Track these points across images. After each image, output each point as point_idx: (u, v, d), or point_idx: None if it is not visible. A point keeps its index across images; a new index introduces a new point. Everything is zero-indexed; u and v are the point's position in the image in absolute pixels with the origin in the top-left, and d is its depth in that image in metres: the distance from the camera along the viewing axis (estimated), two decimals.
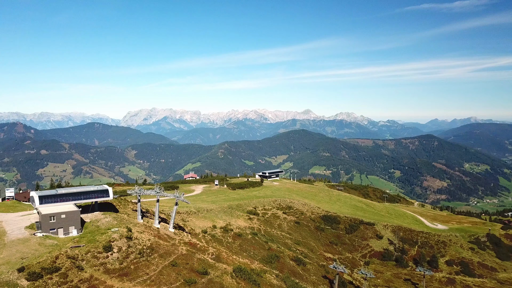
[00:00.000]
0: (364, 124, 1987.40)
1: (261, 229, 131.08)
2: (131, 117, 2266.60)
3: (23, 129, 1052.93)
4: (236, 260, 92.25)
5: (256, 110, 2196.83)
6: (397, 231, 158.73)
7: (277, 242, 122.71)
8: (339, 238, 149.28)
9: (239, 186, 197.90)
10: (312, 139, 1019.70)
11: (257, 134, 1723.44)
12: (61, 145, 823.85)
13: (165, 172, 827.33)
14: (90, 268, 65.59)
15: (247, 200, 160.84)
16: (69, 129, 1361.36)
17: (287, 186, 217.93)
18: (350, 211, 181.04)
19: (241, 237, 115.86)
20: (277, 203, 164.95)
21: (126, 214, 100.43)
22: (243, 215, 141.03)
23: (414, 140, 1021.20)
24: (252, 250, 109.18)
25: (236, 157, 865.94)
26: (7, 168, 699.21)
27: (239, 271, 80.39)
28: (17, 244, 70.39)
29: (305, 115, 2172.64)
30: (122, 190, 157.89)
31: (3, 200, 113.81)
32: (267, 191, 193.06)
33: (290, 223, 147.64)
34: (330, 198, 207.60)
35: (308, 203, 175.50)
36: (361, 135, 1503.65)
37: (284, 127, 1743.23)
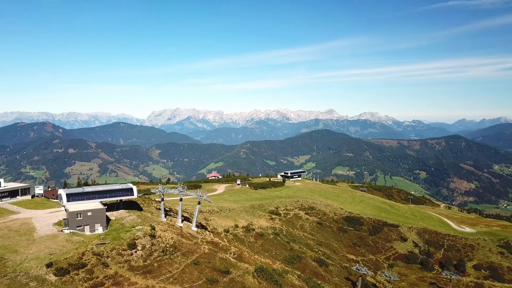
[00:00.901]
0: (388, 124, 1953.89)
1: (283, 229, 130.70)
2: (155, 117, 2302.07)
3: (52, 129, 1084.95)
4: (258, 260, 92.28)
5: (278, 110, 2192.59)
6: (423, 234, 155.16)
7: (299, 243, 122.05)
8: (362, 239, 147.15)
9: (261, 186, 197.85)
10: (335, 139, 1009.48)
11: (279, 134, 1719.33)
12: (88, 144, 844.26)
13: (188, 171, 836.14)
14: (115, 265, 66.91)
15: (269, 200, 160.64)
16: (95, 129, 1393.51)
17: (310, 187, 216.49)
18: (374, 213, 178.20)
19: (263, 237, 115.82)
20: (299, 203, 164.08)
21: (150, 213, 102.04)
22: (265, 215, 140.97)
23: (440, 140, 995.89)
24: (274, 250, 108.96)
25: (258, 157, 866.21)
26: (37, 166, 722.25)
27: (260, 271, 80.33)
28: (45, 240, 72.57)
29: (328, 115, 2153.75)
30: (146, 188, 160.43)
31: (32, 197, 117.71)
32: (289, 191, 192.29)
33: (312, 223, 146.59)
34: (353, 199, 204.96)
35: (331, 204, 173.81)
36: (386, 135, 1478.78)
37: (306, 127, 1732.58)
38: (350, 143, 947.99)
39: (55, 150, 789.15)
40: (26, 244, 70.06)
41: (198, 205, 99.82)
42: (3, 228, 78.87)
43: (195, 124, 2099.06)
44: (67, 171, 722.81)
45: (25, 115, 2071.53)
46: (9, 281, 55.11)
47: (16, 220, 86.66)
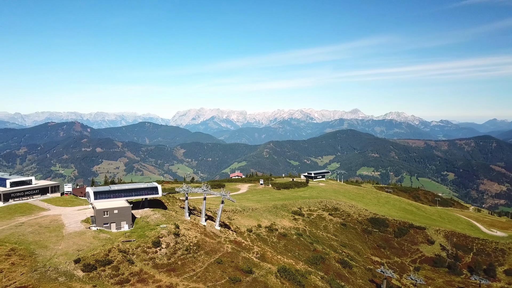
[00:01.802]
0: (415, 124, 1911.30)
1: (306, 230, 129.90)
2: (180, 116, 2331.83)
3: (80, 128, 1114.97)
4: (280, 260, 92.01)
5: (302, 110, 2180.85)
6: (450, 237, 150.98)
7: (322, 244, 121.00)
8: (387, 241, 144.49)
9: (284, 186, 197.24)
10: (360, 139, 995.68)
11: (303, 134, 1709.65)
12: (115, 144, 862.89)
13: (212, 170, 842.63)
14: (140, 262, 68.09)
15: (292, 201, 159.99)
16: (122, 128, 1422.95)
17: (334, 187, 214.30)
18: (399, 214, 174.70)
19: (286, 237, 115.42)
20: (323, 204, 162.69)
21: (174, 211, 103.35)
22: (288, 215, 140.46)
23: (469, 141, 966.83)
24: (297, 251, 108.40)
25: (281, 157, 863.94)
26: (66, 165, 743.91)
27: (283, 271, 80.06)
28: (73, 236, 74.58)
29: (353, 115, 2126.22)
30: (170, 187, 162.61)
31: (62, 194, 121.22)
32: (313, 191, 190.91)
33: (336, 224, 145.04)
34: (378, 200, 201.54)
35: (355, 205, 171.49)
36: (412, 135, 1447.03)
37: (331, 126, 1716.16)
38: (375, 143, 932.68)
39: (83, 149, 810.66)
40: (56, 240, 72.20)
41: (222, 204, 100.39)
42: (34, 224, 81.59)
43: (219, 124, 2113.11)
44: (95, 169, 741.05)
45: (55, 114, 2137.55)
46: (39, 276, 56.94)
47: (46, 216, 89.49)
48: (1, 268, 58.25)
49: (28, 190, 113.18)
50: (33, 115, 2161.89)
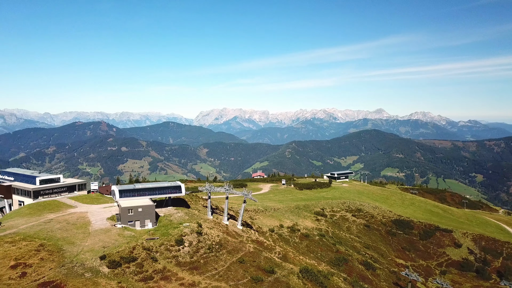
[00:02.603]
0: (441, 124, 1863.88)
1: (328, 231, 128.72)
2: (203, 116, 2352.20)
3: (106, 128, 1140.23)
4: (303, 260, 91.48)
5: (325, 110, 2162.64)
6: (479, 240, 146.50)
7: (345, 245, 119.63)
8: (412, 244, 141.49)
9: (307, 187, 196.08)
10: (384, 140, 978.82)
11: (326, 134, 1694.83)
12: (139, 143, 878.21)
13: (234, 170, 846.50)
14: (163, 260, 68.99)
15: (314, 201, 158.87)
16: (146, 128, 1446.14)
17: (357, 188, 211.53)
18: (425, 216, 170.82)
19: (308, 238, 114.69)
20: (346, 205, 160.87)
21: (197, 210, 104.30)
22: (310, 215, 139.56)
23: (499, 141, 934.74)
24: (320, 252, 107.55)
25: (304, 157, 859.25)
26: (93, 163, 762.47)
27: (306, 271, 79.54)
28: (99, 233, 76.29)
29: (377, 115, 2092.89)
30: (193, 186, 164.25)
31: (88, 192, 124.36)
32: (336, 192, 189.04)
33: (360, 226, 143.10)
34: (403, 201, 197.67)
35: (379, 206, 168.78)
36: (438, 136, 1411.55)
37: (354, 126, 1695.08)
38: (400, 143, 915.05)
39: (109, 148, 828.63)
40: (82, 236, 74.04)
41: (244, 203, 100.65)
42: (62, 221, 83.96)
43: (241, 124, 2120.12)
44: (120, 168, 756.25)
45: (83, 114, 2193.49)
46: (67, 271, 58.51)
47: (73, 213, 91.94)
48: (31, 263, 60.18)
49: (57, 188, 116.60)
50: (62, 115, 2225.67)
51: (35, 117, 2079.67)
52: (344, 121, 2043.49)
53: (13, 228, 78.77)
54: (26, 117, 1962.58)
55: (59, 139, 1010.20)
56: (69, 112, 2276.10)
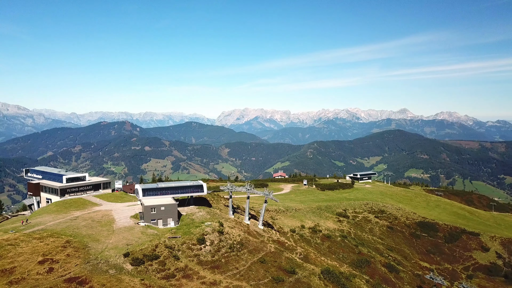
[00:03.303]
0: (468, 124, 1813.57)
1: (351, 232, 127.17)
2: (225, 116, 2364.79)
3: (130, 127, 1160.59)
4: (324, 261, 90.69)
5: (347, 109, 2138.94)
6: (508, 244, 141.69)
7: (367, 247, 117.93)
8: (437, 247, 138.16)
9: (329, 187, 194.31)
10: (408, 140, 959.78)
11: (348, 134, 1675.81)
12: (162, 143, 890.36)
13: (255, 170, 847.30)
14: (185, 259, 69.66)
15: (336, 202, 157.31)
16: (169, 128, 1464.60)
17: (380, 189, 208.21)
18: (451, 219, 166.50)
19: (330, 239, 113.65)
20: (368, 206, 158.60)
21: (219, 209, 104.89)
22: (332, 216, 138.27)
23: None
24: (341, 253, 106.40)
25: (326, 157, 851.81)
26: (117, 162, 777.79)
27: (327, 273, 78.82)
28: (123, 231, 77.70)
29: (401, 115, 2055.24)
30: (215, 186, 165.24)
31: (112, 191, 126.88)
32: (358, 193, 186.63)
33: (383, 227, 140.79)
34: (428, 203, 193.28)
35: (403, 208, 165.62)
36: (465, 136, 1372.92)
37: (377, 127, 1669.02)
38: (425, 144, 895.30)
39: (133, 147, 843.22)
40: (107, 234, 75.58)
41: (265, 203, 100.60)
42: (88, 219, 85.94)
43: (263, 124, 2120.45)
44: (143, 167, 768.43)
45: (107, 114, 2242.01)
46: (92, 268, 59.83)
47: (98, 211, 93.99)
48: (58, 258, 61.83)
49: (82, 186, 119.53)
50: (87, 115, 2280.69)
51: (62, 117, 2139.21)
52: (367, 121, 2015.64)
53: (41, 225, 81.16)
54: (53, 117, 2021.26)
55: (85, 138, 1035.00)
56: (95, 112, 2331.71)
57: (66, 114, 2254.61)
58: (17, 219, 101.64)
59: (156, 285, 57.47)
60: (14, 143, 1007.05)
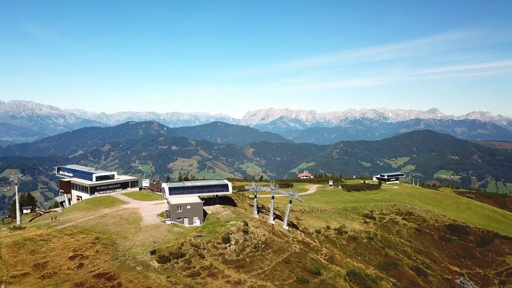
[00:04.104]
0: (502, 124, 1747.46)
1: (377, 234, 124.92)
2: (250, 116, 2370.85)
3: (157, 127, 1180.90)
4: (350, 263, 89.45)
5: (375, 109, 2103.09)
6: None
7: (395, 249, 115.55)
8: (468, 251, 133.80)
9: (355, 188, 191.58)
10: (438, 141, 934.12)
11: (376, 134, 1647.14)
12: (189, 142, 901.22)
13: (280, 170, 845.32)
14: (210, 257, 70.22)
15: (363, 203, 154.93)
16: (195, 127, 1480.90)
17: (408, 191, 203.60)
18: (482, 222, 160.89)
19: (355, 240, 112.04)
20: (396, 208, 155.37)
21: (243, 209, 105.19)
22: (358, 218, 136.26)
23: None
24: (368, 255, 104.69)
25: (352, 157, 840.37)
26: (144, 161, 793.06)
27: (353, 274, 77.68)
28: (150, 229, 79.08)
29: (431, 114, 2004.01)
30: (240, 185, 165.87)
31: (140, 189, 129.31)
32: (385, 194, 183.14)
33: (410, 230, 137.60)
34: (458, 206, 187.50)
35: (432, 210, 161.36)
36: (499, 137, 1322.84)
37: (406, 127, 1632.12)
38: (455, 145, 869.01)
39: (160, 147, 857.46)
40: (134, 231, 77.14)
41: (290, 204, 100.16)
42: (116, 216, 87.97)
43: (288, 124, 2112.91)
44: (170, 166, 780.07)
45: (135, 114, 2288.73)
46: (120, 264, 61.19)
47: (126, 209, 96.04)
48: (87, 254, 63.58)
49: (111, 184, 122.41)
50: (116, 115, 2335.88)
51: (92, 116, 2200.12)
52: (395, 121, 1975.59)
53: (72, 222, 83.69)
54: (84, 117, 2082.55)
55: (113, 138, 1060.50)
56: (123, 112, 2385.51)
57: (96, 114, 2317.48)
58: (50, 215, 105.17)
59: (182, 282, 58.17)
60: (47, 142, 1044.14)
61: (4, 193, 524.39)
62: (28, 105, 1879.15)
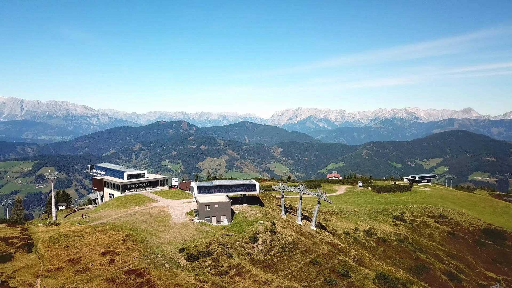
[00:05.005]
0: None
1: (408, 237, 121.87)
2: (278, 116, 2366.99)
3: (187, 127, 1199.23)
4: (379, 266, 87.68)
5: (406, 109, 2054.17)
6: None
7: (426, 253, 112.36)
8: (505, 256, 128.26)
9: (385, 190, 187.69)
10: (473, 141, 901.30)
11: (407, 135, 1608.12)
12: (217, 142, 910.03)
13: (308, 170, 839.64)
14: (238, 256, 70.52)
15: (393, 205, 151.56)
16: (224, 127, 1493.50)
17: (441, 193, 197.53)
18: None
19: (385, 243, 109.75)
20: (428, 210, 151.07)
21: (271, 209, 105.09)
22: (388, 220, 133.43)
23: None
24: (398, 258, 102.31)
25: (382, 158, 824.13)
26: (174, 160, 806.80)
27: (382, 278, 76.07)
28: (179, 227, 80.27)
29: (465, 114, 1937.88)
30: (267, 185, 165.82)
31: (169, 188, 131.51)
32: (417, 196, 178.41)
33: (443, 233, 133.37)
34: (494, 209, 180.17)
35: (466, 213, 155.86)
36: None
37: (438, 127, 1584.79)
38: (491, 146, 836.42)
39: (189, 146, 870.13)
40: (163, 229, 78.50)
41: (318, 204, 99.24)
42: (146, 214, 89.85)
43: (316, 124, 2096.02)
44: (199, 165, 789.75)
45: (165, 114, 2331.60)
46: (149, 261, 62.42)
47: (156, 207, 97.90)
48: (118, 251, 65.23)
49: (142, 183, 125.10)
50: (147, 115, 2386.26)
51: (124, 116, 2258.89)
52: (427, 121, 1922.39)
53: (104, 218, 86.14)
54: (116, 117, 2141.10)
55: (144, 137, 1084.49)
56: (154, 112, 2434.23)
57: (127, 113, 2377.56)
58: (83, 212, 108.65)
59: (209, 281, 58.71)
60: (81, 141, 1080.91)
61: (41, 190, 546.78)
62: (63, 105, 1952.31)
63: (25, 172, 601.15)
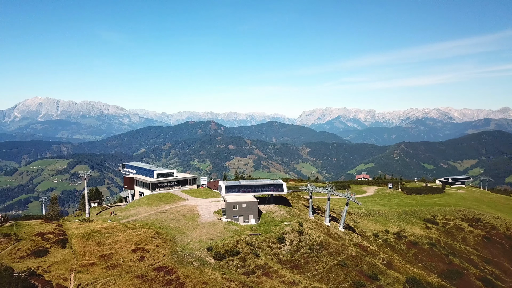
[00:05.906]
0: None
1: (440, 240, 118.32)
2: (306, 116, 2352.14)
3: (215, 127, 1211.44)
4: (409, 269, 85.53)
5: (438, 108, 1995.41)
6: None
7: (459, 257, 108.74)
8: None
9: (416, 191, 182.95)
10: (510, 142, 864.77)
11: (439, 135, 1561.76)
12: (245, 141, 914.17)
13: (336, 171, 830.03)
14: (265, 256, 70.55)
15: (424, 207, 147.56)
16: (251, 127, 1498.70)
17: (475, 196, 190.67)
18: None
19: (416, 246, 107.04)
20: (461, 213, 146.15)
21: (298, 209, 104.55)
22: (419, 222, 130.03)
23: None
24: (429, 262, 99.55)
25: (414, 159, 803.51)
26: (202, 160, 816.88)
27: (413, 282, 74.14)
28: (207, 226, 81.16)
29: (502, 114, 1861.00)
30: (295, 185, 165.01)
31: (198, 187, 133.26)
32: (450, 199, 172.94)
33: (478, 237, 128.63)
34: None
35: (503, 217, 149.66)
36: None
37: (473, 127, 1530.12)
38: None
39: (218, 146, 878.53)
40: (192, 228, 79.59)
41: (346, 206, 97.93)
42: (175, 212, 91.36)
43: (345, 124, 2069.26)
44: (227, 165, 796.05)
45: (194, 114, 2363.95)
46: (178, 259, 63.43)
47: (184, 206, 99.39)
48: (148, 248, 66.64)
49: (171, 182, 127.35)
50: (176, 115, 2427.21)
51: (154, 116, 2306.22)
52: (461, 121, 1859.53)
53: (134, 216, 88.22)
54: (146, 117, 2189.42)
55: (174, 136, 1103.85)
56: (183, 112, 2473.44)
57: (157, 113, 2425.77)
58: (114, 209, 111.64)
59: (236, 280, 59.03)
60: (113, 140, 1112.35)
61: (75, 187, 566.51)
62: (96, 105, 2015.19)
63: (60, 170, 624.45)
